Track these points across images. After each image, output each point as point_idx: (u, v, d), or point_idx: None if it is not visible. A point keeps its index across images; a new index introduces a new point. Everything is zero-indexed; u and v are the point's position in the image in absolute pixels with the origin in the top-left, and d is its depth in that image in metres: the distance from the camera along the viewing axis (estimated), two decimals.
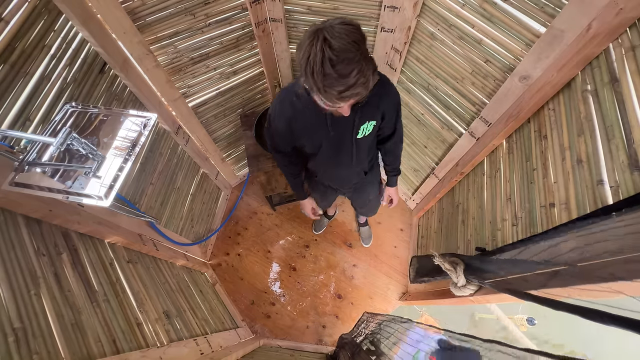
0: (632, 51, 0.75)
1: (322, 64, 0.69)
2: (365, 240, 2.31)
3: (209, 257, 2.29)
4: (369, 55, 0.76)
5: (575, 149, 0.90)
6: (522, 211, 1.09)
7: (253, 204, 2.51)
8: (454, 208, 1.71)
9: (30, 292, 0.80)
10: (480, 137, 1.44)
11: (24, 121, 0.88)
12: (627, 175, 0.70)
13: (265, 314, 2.15)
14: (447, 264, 1.20)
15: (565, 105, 0.98)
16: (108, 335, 0.98)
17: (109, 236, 1.19)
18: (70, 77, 1.02)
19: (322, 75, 0.70)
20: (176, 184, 1.77)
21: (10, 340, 0.70)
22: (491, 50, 1.18)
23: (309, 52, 0.70)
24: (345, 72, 0.70)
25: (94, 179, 0.75)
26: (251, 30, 1.56)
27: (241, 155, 2.39)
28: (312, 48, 0.69)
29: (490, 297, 1.20)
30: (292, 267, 2.28)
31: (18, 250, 0.83)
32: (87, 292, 0.99)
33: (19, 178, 0.74)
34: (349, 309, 2.16)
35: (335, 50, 0.68)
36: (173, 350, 1.21)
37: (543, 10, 0.96)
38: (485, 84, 1.29)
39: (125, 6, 1.14)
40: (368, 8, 1.42)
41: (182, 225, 1.89)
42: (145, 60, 1.31)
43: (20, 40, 0.85)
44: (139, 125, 0.83)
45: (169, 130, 1.59)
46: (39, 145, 0.77)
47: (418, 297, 1.96)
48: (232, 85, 1.79)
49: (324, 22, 0.72)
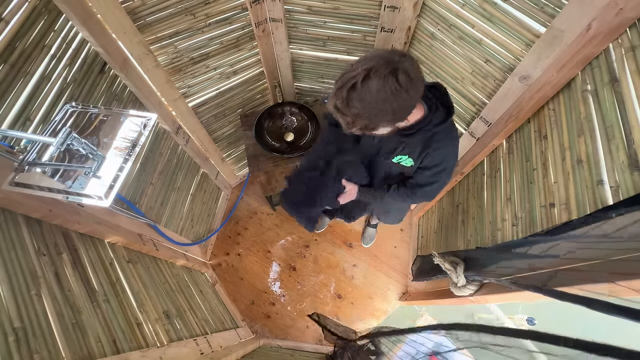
0: (632, 51, 0.75)
1: (350, 85, 0.73)
2: (367, 240, 2.31)
3: (209, 257, 2.29)
4: (400, 111, 0.78)
5: (575, 149, 0.89)
6: (522, 211, 1.09)
7: (253, 204, 2.51)
8: (454, 208, 1.71)
9: (30, 292, 0.80)
10: (480, 137, 1.44)
11: (24, 121, 0.88)
12: (627, 176, 0.70)
13: (265, 314, 2.15)
14: (447, 264, 1.20)
15: (565, 105, 0.98)
16: (108, 335, 0.98)
17: (109, 236, 1.19)
18: (70, 77, 1.02)
19: (338, 89, 0.76)
20: (176, 184, 1.77)
21: (11, 340, 0.70)
22: (491, 50, 1.18)
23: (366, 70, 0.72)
24: (348, 107, 0.75)
25: (94, 179, 0.75)
26: (251, 30, 1.56)
27: (241, 155, 2.39)
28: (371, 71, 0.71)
29: (490, 297, 1.19)
30: (292, 267, 2.28)
31: (18, 250, 0.83)
32: (87, 292, 0.99)
33: (19, 178, 0.74)
34: (349, 309, 2.16)
35: (368, 86, 0.71)
36: (173, 350, 1.21)
37: (543, 10, 0.96)
38: (485, 84, 1.29)
39: (125, 6, 1.14)
40: (368, 8, 1.42)
41: (182, 225, 1.89)
42: (145, 60, 1.31)
43: (21, 40, 0.85)
44: (139, 125, 0.83)
45: (169, 130, 1.59)
46: (39, 145, 0.77)
47: (418, 297, 1.96)
48: (232, 85, 1.79)
49: (401, 57, 0.72)
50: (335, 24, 1.54)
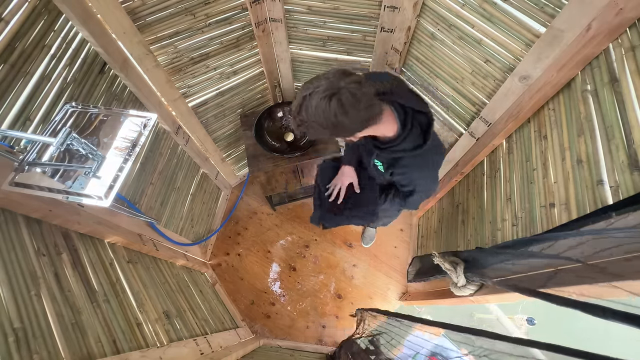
0: (632, 51, 0.75)
1: (302, 95, 0.81)
2: (367, 240, 2.31)
3: (209, 257, 2.29)
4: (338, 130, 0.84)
5: (575, 149, 0.90)
6: (522, 211, 1.09)
7: (253, 204, 2.51)
8: (454, 208, 1.71)
9: (30, 292, 0.80)
10: (480, 137, 1.44)
11: (24, 121, 0.88)
12: (627, 175, 0.71)
13: (265, 314, 2.15)
14: (447, 264, 1.20)
15: (565, 105, 0.98)
16: (108, 335, 0.98)
17: (109, 236, 1.19)
18: (70, 77, 1.02)
19: (299, 94, 0.84)
20: (176, 184, 1.77)
21: (11, 340, 0.70)
22: (491, 50, 1.18)
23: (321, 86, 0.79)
24: (297, 113, 0.83)
25: (94, 179, 0.75)
26: (251, 30, 1.56)
27: (241, 155, 2.39)
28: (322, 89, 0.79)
29: (489, 297, 1.19)
30: (292, 267, 2.28)
31: (18, 250, 0.83)
32: (87, 292, 0.99)
33: (19, 178, 0.74)
34: (349, 309, 2.16)
35: (310, 102, 0.79)
36: (173, 351, 1.21)
37: (543, 10, 0.96)
38: (485, 84, 1.29)
39: (125, 6, 1.14)
40: (368, 8, 1.42)
41: (182, 225, 1.89)
42: (145, 60, 1.31)
43: (20, 40, 0.85)
44: (139, 125, 0.83)
45: (169, 130, 1.59)
46: (39, 145, 0.77)
47: (418, 297, 1.96)
48: (232, 85, 1.79)
49: (349, 83, 0.78)
50: (335, 24, 1.54)
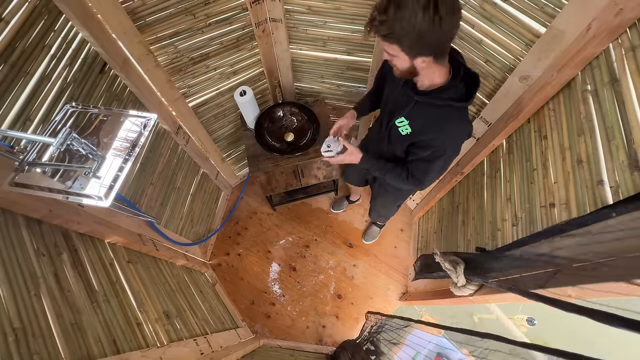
0: (632, 51, 0.75)
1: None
2: (368, 237, 2.31)
3: (209, 257, 2.29)
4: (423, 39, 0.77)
5: (575, 149, 0.90)
6: (522, 211, 1.09)
7: (253, 204, 2.51)
8: (454, 208, 1.71)
9: (30, 292, 0.80)
10: (480, 137, 1.44)
11: (24, 121, 0.88)
12: (627, 176, 0.70)
13: (265, 314, 2.15)
14: (447, 264, 1.20)
15: (565, 105, 0.98)
16: (108, 335, 0.98)
17: (109, 236, 1.19)
18: (70, 77, 1.02)
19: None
20: (176, 184, 1.77)
21: (10, 340, 0.70)
22: (491, 50, 1.18)
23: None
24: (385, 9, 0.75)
25: (94, 179, 0.75)
26: (251, 30, 1.56)
27: (241, 155, 2.39)
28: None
29: (489, 297, 1.19)
30: (292, 267, 2.28)
31: (18, 251, 0.83)
32: (87, 292, 0.99)
33: (19, 178, 0.74)
34: (349, 309, 2.16)
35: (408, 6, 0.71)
36: (173, 350, 1.21)
37: (543, 10, 0.96)
38: (485, 84, 1.29)
39: (125, 6, 1.14)
40: (368, 8, 1.42)
41: (182, 225, 1.89)
42: (145, 60, 1.31)
43: (21, 40, 0.85)
44: (139, 125, 0.83)
45: (169, 131, 1.59)
46: (39, 146, 0.77)
47: (418, 297, 1.96)
48: (232, 85, 1.79)
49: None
50: (335, 24, 1.54)
